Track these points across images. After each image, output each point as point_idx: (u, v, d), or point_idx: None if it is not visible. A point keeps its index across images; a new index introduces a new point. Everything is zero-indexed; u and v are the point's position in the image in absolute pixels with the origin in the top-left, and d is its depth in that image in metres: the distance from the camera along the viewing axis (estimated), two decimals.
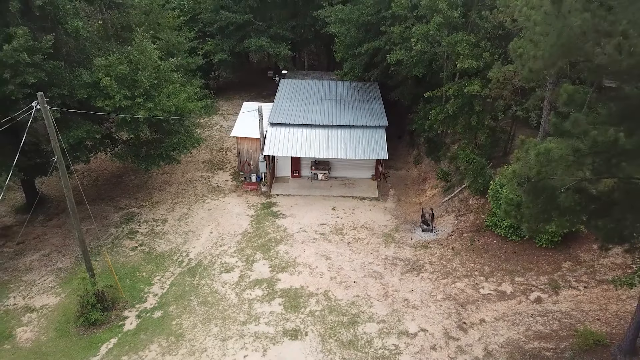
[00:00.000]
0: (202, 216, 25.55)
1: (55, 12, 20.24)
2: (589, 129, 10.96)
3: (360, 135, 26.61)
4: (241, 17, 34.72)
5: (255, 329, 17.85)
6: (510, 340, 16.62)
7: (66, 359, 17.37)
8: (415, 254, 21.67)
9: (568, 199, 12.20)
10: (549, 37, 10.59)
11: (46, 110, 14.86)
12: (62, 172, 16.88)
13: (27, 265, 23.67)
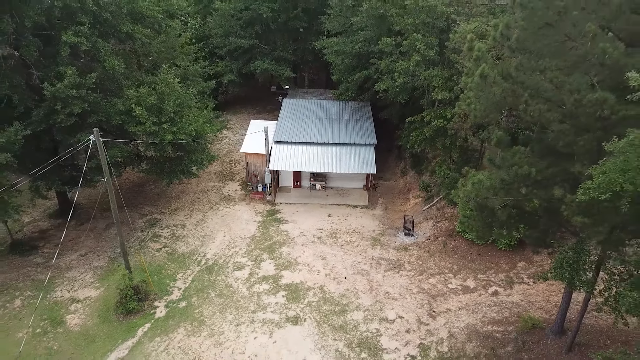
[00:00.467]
0: (216, 222, 29.46)
1: (96, 54, 24.16)
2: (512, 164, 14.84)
3: (353, 152, 30.53)
4: (248, 42, 38.61)
5: (263, 316, 21.73)
6: (469, 325, 20.49)
7: (110, 340, 21.28)
8: (397, 255, 25.56)
9: (504, 214, 16.07)
10: (482, 98, 14.47)
11: (100, 142, 18.77)
12: (109, 189, 20.77)
13: (67, 264, 27.58)
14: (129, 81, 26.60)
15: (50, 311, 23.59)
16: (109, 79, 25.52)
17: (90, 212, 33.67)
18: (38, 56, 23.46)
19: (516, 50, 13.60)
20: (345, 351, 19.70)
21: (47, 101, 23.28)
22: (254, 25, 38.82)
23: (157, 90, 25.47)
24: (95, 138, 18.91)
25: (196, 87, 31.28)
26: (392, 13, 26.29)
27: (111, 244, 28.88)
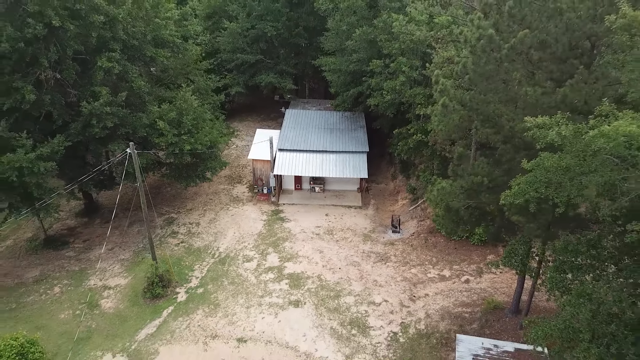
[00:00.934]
0: (227, 220, 33.17)
1: (125, 75, 27.86)
2: (470, 174, 18.51)
3: (347, 159, 34.22)
4: (254, 57, 42.29)
5: (269, 300, 25.42)
6: (443, 307, 24.15)
7: (140, 319, 24.98)
8: (384, 249, 29.24)
9: (466, 214, 19.76)
10: (444, 122, 18.14)
11: (135, 155, 22.46)
12: (141, 192, 24.46)
13: (96, 257, 31.26)
14: (151, 97, 30.33)
15: (85, 297, 27.31)
16: (136, 96, 29.24)
17: (112, 212, 37.46)
18: (76, 78, 27.22)
19: (470, 85, 17.28)
20: (338, 329, 23.39)
21: (84, 116, 26.98)
22: (259, 42, 42.52)
23: (176, 106, 29.20)
24: (130, 150, 22.60)
25: (208, 100, 35.02)
26: (381, 38, 29.96)
27: (134, 240, 32.61)
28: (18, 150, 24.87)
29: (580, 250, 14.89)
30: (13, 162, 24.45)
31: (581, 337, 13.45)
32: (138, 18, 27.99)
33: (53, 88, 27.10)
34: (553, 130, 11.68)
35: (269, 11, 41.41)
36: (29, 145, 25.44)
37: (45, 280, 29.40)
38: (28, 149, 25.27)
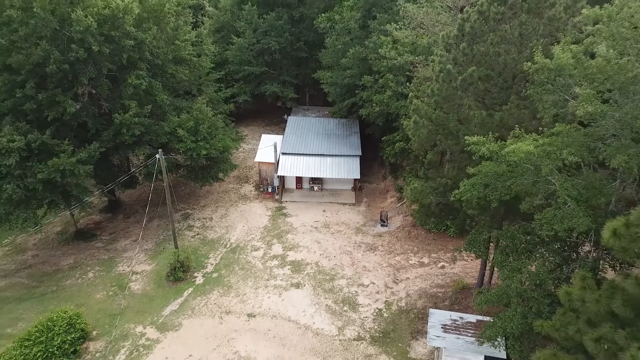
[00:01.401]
0: (236, 215, 37.42)
1: (150, 90, 32.09)
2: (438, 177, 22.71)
3: (342, 161, 38.45)
4: (259, 69, 46.52)
5: (274, 283, 29.65)
6: (421, 288, 28.37)
7: (164, 299, 29.21)
8: (373, 240, 33.48)
9: (437, 209, 23.93)
10: (416, 135, 22.33)
11: (163, 160, 26.71)
12: (167, 192, 28.69)
13: (123, 247, 35.57)
14: (171, 108, 34.58)
15: (115, 280, 31.58)
16: (158, 107, 33.48)
17: (133, 208, 41.77)
18: (108, 92, 31.48)
19: (436, 106, 21.47)
20: (332, 306, 27.64)
21: (115, 126, 31.23)
22: (264, 55, 46.74)
23: (193, 116, 33.44)
24: (159, 156, 26.86)
25: (219, 109, 39.25)
26: (371, 57, 34.12)
27: (155, 232, 36.86)
28: (61, 155, 29.15)
29: (518, 237, 19.08)
30: (57, 165, 28.73)
31: (512, 301, 17.68)
32: (161, 41, 32.23)
33: (88, 101, 31.43)
34: (484, 146, 15.87)
35: (273, 27, 45.61)
36: (69, 151, 29.73)
37: (79, 267, 33.70)
38: (69, 154, 29.55)
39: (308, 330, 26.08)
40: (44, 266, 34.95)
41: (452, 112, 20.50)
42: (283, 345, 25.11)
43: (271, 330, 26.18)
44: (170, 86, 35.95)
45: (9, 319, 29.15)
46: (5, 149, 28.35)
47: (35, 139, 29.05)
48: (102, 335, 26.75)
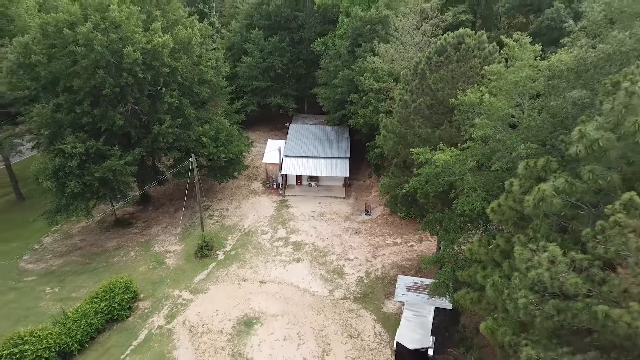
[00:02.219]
0: (248, 207, 45.11)
1: (180, 106, 39.74)
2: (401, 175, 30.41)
3: (334, 162, 46.14)
4: (265, 83, 54.12)
5: (279, 258, 37.34)
6: (393, 261, 36.11)
7: (194, 270, 36.86)
8: (358, 225, 41.21)
9: (403, 200, 31.69)
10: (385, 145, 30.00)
11: (195, 162, 34.38)
12: (197, 188, 36.38)
13: (156, 233, 43.24)
14: (195, 119, 42.22)
15: (153, 258, 39.26)
16: (186, 119, 41.11)
17: (160, 201, 49.47)
18: (147, 108, 39.13)
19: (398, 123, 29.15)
20: (325, 274, 35.37)
21: (153, 135, 38.86)
22: (269, 71, 54.33)
23: (214, 126, 41.10)
24: (192, 160, 34.55)
25: (233, 119, 46.92)
26: (357, 79, 41.77)
27: (181, 221, 44.52)
28: (112, 158, 36.82)
29: (453, 218, 26.76)
30: (110, 166, 36.42)
31: (445, 262, 25.43)
32: (189, 66, 39.86)
33: (131, 115, 39.09)
34: (422, 155, 23.57)
35: (277, 48, 53.21)
36: (118, 155, 37.39)
37: (122, 248, 41.41)
38: (117, 157, 37.22)
39: (306, 292, 33.84)
40: (92, 248, 42.66)
41: (408, 129, 28.18)
42: (287, 303, 32.86)
43: (278, 293, 33.93)
44: (194, 101, 43.60)
45: (72, 287, 36.89)
46: (69, 153, 36.04)
47: (92, 146, 36.73)
48: (148, 297, 34.47)
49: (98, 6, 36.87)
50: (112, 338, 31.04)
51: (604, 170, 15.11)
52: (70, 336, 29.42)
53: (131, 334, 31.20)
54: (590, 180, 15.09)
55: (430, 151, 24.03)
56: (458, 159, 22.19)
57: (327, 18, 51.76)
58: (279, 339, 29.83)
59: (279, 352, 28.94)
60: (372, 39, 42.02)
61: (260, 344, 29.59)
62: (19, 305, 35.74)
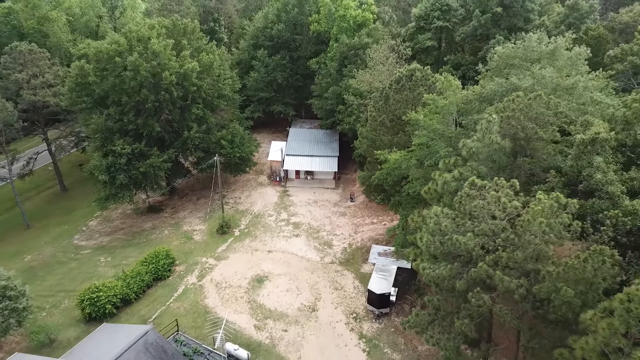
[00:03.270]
0: (256, 196, 55.19)
1: (204, 116, 49.64)
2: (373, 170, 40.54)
3: (326, 160, 56.19)
4: (268, 94, 64.00)
5: (282, 234, 47.46)
6: (370, 236, 46.27)
7: (216, 244, 46.91)
8: (344, 210, 51.35)
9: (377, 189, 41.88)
10: (361, 147, 40.08)
11: (218, 161, 44.43)
12: (219, 181, 46.47)
13: (183, 216, 53.29)
14: (215, 125, 52.20)
15: (183, 235, 49.30)
16: (208, 126, 51.06)
17: (184, 192, 59.48)
18: (178, 117, 49.09)
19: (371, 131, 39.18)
20: (317, 246, 45.50)
21: (182, 139, 48.81)
22: (272, 84, 64.18)
23: (230, 131, 51.10)
24: (217, 159, 44.58)
25: (244, 125, 56.92)
26: (344, 94, 51.71)
27: (202, 207, 54.47)
28: (152, 157, 46.80)
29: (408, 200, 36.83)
30: (151, 163, 46.42)
31: (398, 231, 35.51)
32: (210, 85, 49.80)
33: (165, 123, 49.07)
34: (382, 156, 33.60)
35: (278, 65, 63.06)
36: (156, 154, 47.38)
37: (157, 228, 51.46)
38: (156, 156, 47.20)
39: (303, 259, 43.97)
40: (132, 228, 52.71)
41: (377, 136, 38.25)
42: (289, 266, 42.98)
43: (281, 259, 44.05)
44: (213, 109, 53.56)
45: (121, 256, 46.90)
46: (119, 153, 46.03)
47: (137, 147, 46.73)
48: (182, 263, 44.51)
49: (140, 37, 46.75)
50: (158, 291, 41.13)
51: (479, 165, 25.27)
52: (129, 288, 39.47)
53: (172, 288, 41.28)
54: (471, 172, 25.22)
55: (389, 153, 34.15)
56: (405, 158, 32.29)
57: (320, 40, 61.54)
58: (283, 291, 39.96)
59: (283, 299, 39.08)
60: (355, 61, 51.98)
61: (269, 294, 39.73)
62: (81, 271, 45.78)
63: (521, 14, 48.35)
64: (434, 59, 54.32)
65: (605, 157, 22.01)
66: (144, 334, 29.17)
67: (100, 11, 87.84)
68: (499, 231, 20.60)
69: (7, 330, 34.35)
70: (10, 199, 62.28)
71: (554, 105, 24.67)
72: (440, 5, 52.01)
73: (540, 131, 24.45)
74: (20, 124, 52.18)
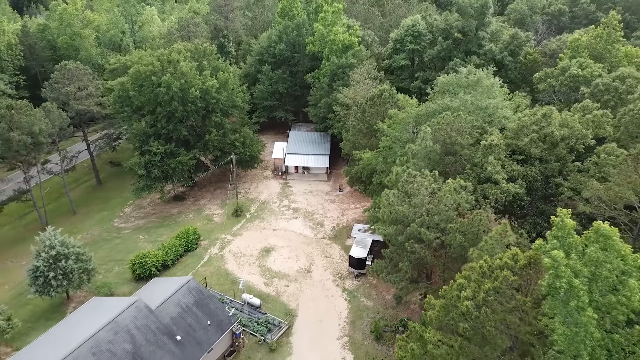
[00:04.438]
0: (263, 187, 66.70)
1: (222, 122, 61.02)
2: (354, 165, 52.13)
3: (320, 157, 67.63)
4: (272, 103, 75.30)
5: (284, 217, 58.92)
6: (354, 217, 57.77)
7: (232, 224, 58.37)
8: (334, 197, 62.87)
9: (359, 181, 53.55)
10: (344, 148, 51.58)
11: (234, 160, 55.86)
12: (235, 175, 58.03)
13: (203, 203, 64.82)
14: (229, 129, 63.61)
15: (204, 217, 60.80)
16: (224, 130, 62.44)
17: (202, 184, 70.94)
18: (201, 124, 60.46)
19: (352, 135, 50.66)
20: (312, 225, 57.04)
21: (204, 140, 60.24)
22: (275, 94, 75.52)
23: (242, 135, 62.57)
24: (233, 157, 56.04)
25: (252, 129, 68.39)
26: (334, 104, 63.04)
27: (219, 196, 65.93)
28: (180, 155, 58.27)
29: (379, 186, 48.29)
30: (180, 160, 57.91)
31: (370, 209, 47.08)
32: (226, 97, 61.18)
33: (190, 128, 60.51)
34: (358, 155, 45.03)
35: (280, 78, 74.34)
36: (183, 153, 58.83)
37: (183, 213, 62.99)
38: (184, 154, 58.64)
39: (300, 235, 55.54)
40: (161, 213, 64.22)
41: (356, 140, 49.71)
42: (289, 241, 54.52)
43: (284, 235, 55.60)
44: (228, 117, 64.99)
45: (156, 234, 58.35)
46: (155, 152, 57.46)
47: (168, 148, 58.15)
48: (206, 239, 55.98)
49: (171, 60, 58.08)
50: (188, 259, 52.61)
51: (419, 162, 36.83)
52: (167, 256, 50.94)
53: (199, 257, 52.79)
54: (414, 167, 36.75)
55: (363, 152, 45.63)
56: (375, 157, 43.77)
57: (314, 58, 72.70)
58: (285, 258, 51.50)
59: (285, 264, 50.61)
60: (343, 77, 63.30)
61: (274, 260, 51.28)
62: (124, 246, 57.26)
63: (475, 41, 59.78)
64: (408, 74, 65.73)
65: (496, 155, 33.42)
66: (187, 282, 40.72)
67: (123, 27, 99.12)
68: (424, 203, 32.16)
69: (80, 285, 45.97)
70: (56, 191, 73.91)
71: (469, 120, 36.16)
72: (412, 31, 63.39)
73: (460, 139, 35.96)
74: (72, 128, 63.52)
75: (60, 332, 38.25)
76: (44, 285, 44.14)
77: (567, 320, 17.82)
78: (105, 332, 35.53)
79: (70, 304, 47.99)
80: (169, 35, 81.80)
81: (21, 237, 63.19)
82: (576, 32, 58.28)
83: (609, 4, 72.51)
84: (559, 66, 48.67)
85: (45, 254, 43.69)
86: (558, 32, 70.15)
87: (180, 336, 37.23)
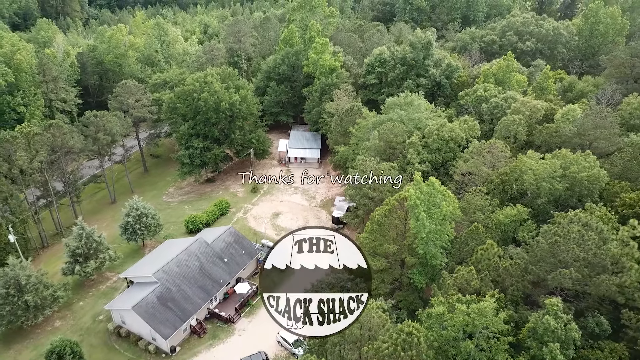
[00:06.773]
0: (271, 172, 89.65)
1: (242, 125, 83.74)
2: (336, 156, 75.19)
3: (313, 151, 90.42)
4: (277, 109, 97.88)
5: (288, 193, 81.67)
6: (337, 192, 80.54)
7: (251, 197, 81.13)
8: (324, 179, 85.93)
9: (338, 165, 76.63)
10: (331, 142, 74.48)
11: (252, 153, 78.64)
12: (252, 165, 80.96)
13: (228, 184, 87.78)
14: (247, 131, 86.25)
15: (231, 194, 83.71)
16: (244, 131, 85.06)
17: (226, 170, 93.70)
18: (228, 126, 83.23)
19: (335, 136, 73.49)
20: (307, 198, 79.84)
21: (230, 138, 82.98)
22: (279, 103, 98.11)
23: (257, 134, 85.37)
24: (251, 151, 78.82)
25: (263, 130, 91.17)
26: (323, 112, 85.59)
27: (240, 179, 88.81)
28: (215, 149, 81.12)
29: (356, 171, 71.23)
30: (215, 153, 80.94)
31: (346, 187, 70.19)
32: (245, 107, 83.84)
33: (220, 130, 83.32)
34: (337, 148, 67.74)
35: (283, 91, 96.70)
36: (217, 148, 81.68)
37: (214, 191, 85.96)
38: (217, 149, 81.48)
39: (299, 205, 78.51)
40: (199, 191, 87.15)
41: (337, 139, 72.51)
42: (291, 208, 77.48)
43: (287, 205, 78.49)
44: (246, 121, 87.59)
45: (197, 205, 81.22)
46: (196, 147, 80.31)
47: (205, 144, 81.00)
48: (233, 207, 78.87)
49: (207, 81, 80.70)
50: (222, 220, 75.46)
51: (371, 153, 59.92)
52: (209, 218, 73.87)
53: (230, 219, 75.74)
54: (368, 156, 59.84)
55: (340, 147, 68.48)
56: (347, 150, 66.62)
57: (309, 76, 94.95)
58: (289, 219, 74.41)
59: (288, 223, 73.52)
60: (329, 92, 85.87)
61: (282, 220, 74.24)
62: (175, 213, 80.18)
63: (422, 67, 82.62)
64: (377, 89, 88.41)
65: (414, 148, 56.16)
66: (228, 228, 63.85)
67: (156, 47, 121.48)
68: (368, 177, 55.26)
69: (155, 234, 68.79)
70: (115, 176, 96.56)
71: (402, 127, 59.04)
72: (379, 59, 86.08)
73: (395, 138, 58.93)
74: (132, 129, 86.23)
75: (153, 258, 61.18)
76: (131, 234, 66.89)
77: (415, 219, 40.79)
78: (183, 255, 58.48)
79: (145, 249, 70.89)
80: (198, 58, 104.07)
81: (96, 209, 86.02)
82: (494, 61, 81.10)
83: (526, 36, 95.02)
84: (472, 89, 71.69)
85: (133, 213, 66.48)
86: (491, 58, 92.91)
87: (227, 259, 60.32)
